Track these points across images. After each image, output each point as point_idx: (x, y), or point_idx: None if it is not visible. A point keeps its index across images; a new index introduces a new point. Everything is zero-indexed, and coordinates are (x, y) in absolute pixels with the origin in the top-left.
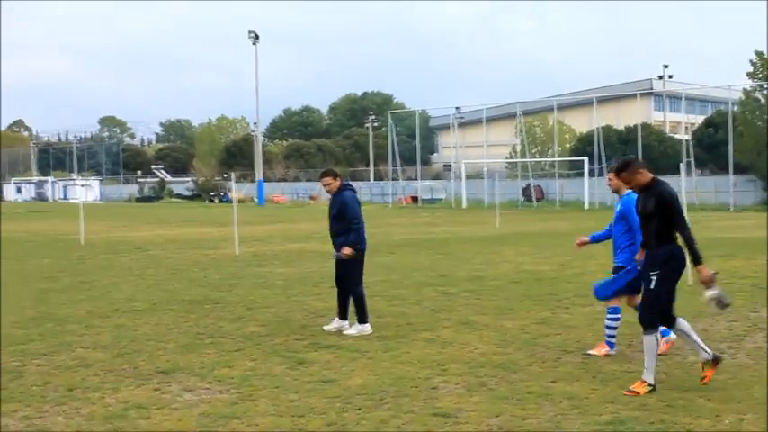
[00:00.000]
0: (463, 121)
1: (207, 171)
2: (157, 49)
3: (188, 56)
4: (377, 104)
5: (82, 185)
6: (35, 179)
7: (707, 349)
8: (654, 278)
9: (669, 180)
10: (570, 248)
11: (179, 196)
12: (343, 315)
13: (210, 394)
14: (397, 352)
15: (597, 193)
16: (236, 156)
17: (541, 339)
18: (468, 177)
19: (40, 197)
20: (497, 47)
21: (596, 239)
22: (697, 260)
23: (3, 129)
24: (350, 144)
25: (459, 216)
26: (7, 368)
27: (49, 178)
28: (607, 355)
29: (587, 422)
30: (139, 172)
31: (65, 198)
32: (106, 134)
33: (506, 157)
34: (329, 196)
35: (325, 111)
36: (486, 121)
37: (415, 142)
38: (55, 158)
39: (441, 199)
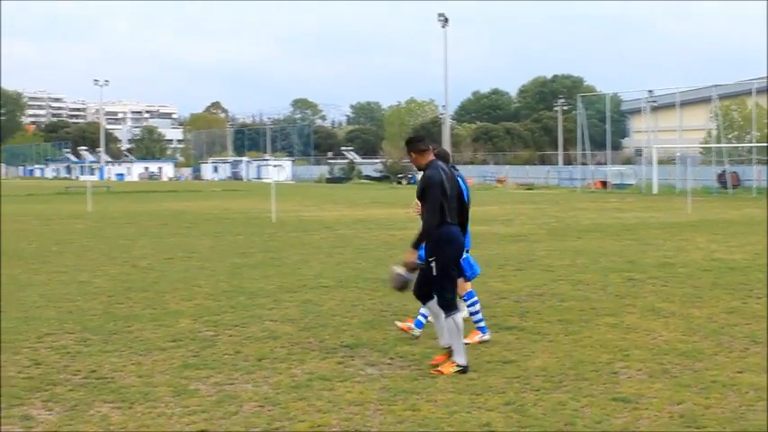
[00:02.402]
0: (656, 104)
1: (395, 153)
2: (349, 34)
3: (379, 39)
4: (567, 87)
5: (274, 165)
6: (230, 159)
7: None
8: (433, 265)
9: None
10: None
11: (367, 177)
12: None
13: (392, 370)
14: (578, 336)
15: None
16: (425, 138)
17: (729, 329)
18: (659, 163)
19: (235, 176)
20: (693, 28)
21: None
22: (413, 243)
23: (201, 111)
24: (539, 127)
25: (649, 202)
26: (202, 337)
27: (244, 158)
28: (482, 342)
29: None
30: (330, 153)
31: (258, 177)
32: (298, 116)
33: (701, 142)
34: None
35: (514, 94)
36: (681, 104)
37: (606, 126)
38: (249, 139)
39: (631, 184)
